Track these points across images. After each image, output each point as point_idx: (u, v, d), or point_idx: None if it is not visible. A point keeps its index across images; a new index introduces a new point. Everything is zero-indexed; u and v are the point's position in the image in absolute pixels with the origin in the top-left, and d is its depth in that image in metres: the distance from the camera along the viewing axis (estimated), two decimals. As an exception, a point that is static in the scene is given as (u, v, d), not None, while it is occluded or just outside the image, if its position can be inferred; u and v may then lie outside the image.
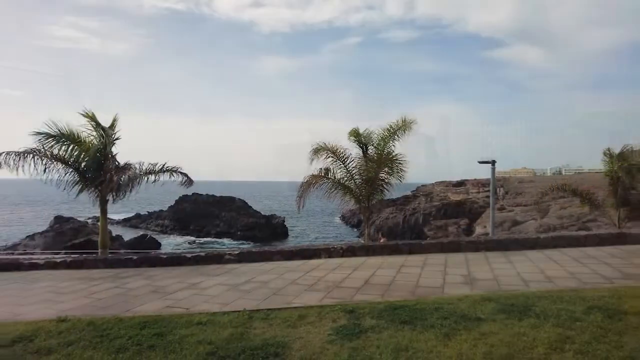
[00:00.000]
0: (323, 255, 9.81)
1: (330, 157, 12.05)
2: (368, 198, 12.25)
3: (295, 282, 7.51)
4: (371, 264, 8.94)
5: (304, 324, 4.94)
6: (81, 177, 10.70)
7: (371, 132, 12.33)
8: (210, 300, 6.46)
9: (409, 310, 5.11)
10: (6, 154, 9.84)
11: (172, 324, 5.05)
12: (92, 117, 10.64)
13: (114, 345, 4.37)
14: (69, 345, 4.43)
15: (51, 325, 5.11)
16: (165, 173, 11.47)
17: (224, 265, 9.48)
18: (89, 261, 9.89)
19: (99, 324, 5.09)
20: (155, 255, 10.09)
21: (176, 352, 4.17)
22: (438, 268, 8.17)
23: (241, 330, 4.77)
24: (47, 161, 10.23)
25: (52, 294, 7.29)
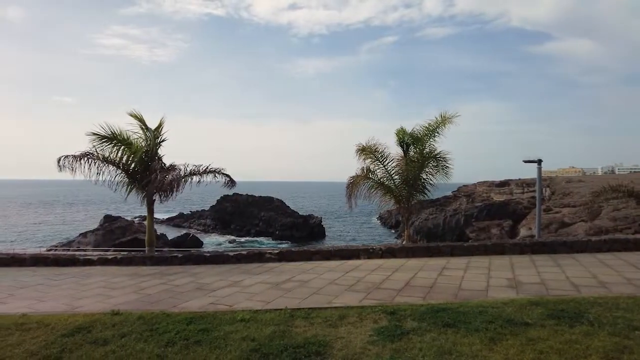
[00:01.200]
0: (362, 256, 9.78)
1: (370, 157, 11.97)
2: (408, 198, 12.07)
3: (334, 282, 7.54)
4: (412, 265, 8.82)
5: (344, 324, 4.96)
6: (130, 178, 11.23)
7: (415, 131, 12.10)
8: (252, 298, 6.60)
9: (451, 313, 5.01)
10: (64, 157, 10.52)
11: (217, 320, 5.21)
12: (140, 118, 11.16)
13: (163, 339, 4.56)
14: (122, 337, 4.67)
15: (106, 318, 5.41)
16: (208, 174, 11.82)
17: (264, 264, 9.66)
18: (138, 258, 10.37)
19: (148, 318, 5.33)
20: (199, 254, 10.43)
21: (221, 348, 4.30)
22: (481, 271, 7.95)
23: (283, 328, 4.85)
24: (99, 163, 10.83)
25: (105, 289, 7.70)
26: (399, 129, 12.28)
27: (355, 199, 11.91)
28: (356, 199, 11.92)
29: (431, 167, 12.03)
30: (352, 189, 11.92)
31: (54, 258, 10.61)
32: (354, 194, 11.88)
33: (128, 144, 11.10)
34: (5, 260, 10.51)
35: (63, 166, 10.54)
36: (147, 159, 11.15)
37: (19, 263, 10.46)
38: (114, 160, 11.01)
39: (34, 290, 7.77)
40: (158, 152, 11.51)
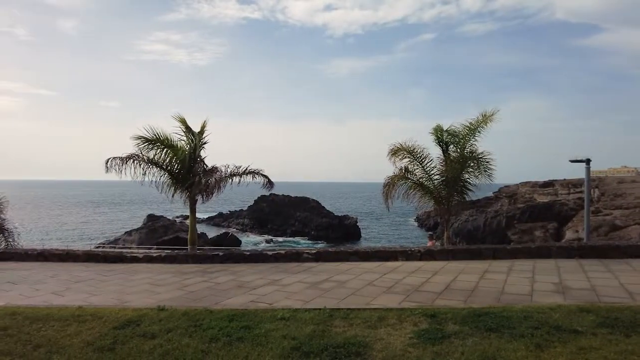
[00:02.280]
0: (400, 257, 9.68)
1: (407, 157, 11.80)
2: (448, 199, 11.81)
3: (372, 283, 7.51)
4: (452, 268, 8.64)
5: (384, 325, 4.94)
6: (174, 179, 11.67)
7: (453, 130, 11.81)
8: (291, 296, 6.70)
9: (494, 318, 4.88)
10: (112, 159, 11.10)
11: (258, 318, 5.33)
12: (183, 121, 11.58)
13: (207, 335, 4.72)
14: (168, 332, 4.87)
15: (153, 313, 5.66)
16: (248, 175, 12.09)
17: (302, 264, 9.75)
18: (181, 256, 10.76)
19: (192, 314, 5.53)
20: (239, 253, 10.70)
21: (262, 345, 4.40)
22: (525, 275, 7.68)
23: (322, 327, 4.89)
24: (144, 165, 11.33)
25: (151, 285, 8.04)
26: (437, 127, 12.01)
27: (392, 199, 11.76)
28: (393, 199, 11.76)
29: (472, 167, 11.69)
30: (389, 190, 11.80)
31: (103, 255, 11.20)
32: (391, 195, 11.74)
33: (171, 147, 11.54)
34: (61, 256, 11.20)
35: (111, 167, 11.11)
36: (190, 161, 11.54)
37: (73, 259, 11.11)
38: (158, 162, 11.48)
39: (87, 284, 8.22)
40: (200, 154, 11.89)
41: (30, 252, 11.71)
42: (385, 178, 12.07)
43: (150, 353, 4.25)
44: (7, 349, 4.43)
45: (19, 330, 4.97)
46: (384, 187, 11.99)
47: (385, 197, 11.86)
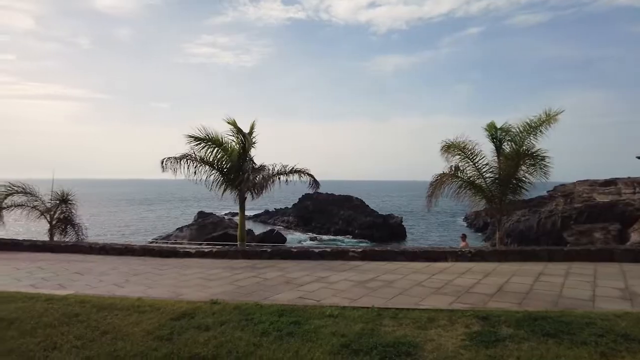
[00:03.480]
0: (449, 258, 9.45)
1: (457, 154, 11.46)
2: (500, 198, 11.35)
3: (421, 283, 7.40)
4: (504, 270, 8.33)
5: (434, 326, 4.86)
6: (224, 177, 12.08)
7: (508, 127, 11.32)
8: (338, 294, 6.73)
9: (552, 322, 4.66)
10: (167, 159, 11.67)
11: (306, 314, 5.41)
12: (233, 123, 11.95)
13: (258, 329, 4.86)
14: (222, 325, 5.05)
15: (206, 306, 5.89)
16: (294, 174, 12.29)
17: (348, 262, 9.77)
18: (231, 252, 11.11)
19: (243, 309, 5.70)
20: (286, 249, 10.88)
21: (312, 341, 4.46)
22: (586, 278, 7.26)
23: (371, 326, 4.89)
24: (196, 164, 11.81)
25: (203, 279, 8.36)
26: (490, 124, 11.56)
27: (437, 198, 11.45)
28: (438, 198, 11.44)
29: (528, 165, 11.15)
30: (436, 188, 11.51)
31: (158, 250, 11.78)
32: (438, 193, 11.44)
33: (221, 146, 11.95)
34: (120, 250, 11.92)
35: (166, 166, 11.68)
36: (240, 160, 11.89)
37: (131, 253, 11.79)
38: (209, 161, 11.93)
39: (145, 277, 8.69)
40: (249, 154, 12.22)
41: (94, 245, 12.55)
42: (433, 176, 11.80)
43: (205, 344, 4.43)
44: (80, 334, 4.79)
45: (88, 317, 5.35)
46: (430, 185, 11.72)
47: (430, 195, 11.58)
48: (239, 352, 4.20)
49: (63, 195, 15.60)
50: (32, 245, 12.87)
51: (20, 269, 9.65)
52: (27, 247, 12.82)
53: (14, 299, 6.32)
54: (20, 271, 9.44)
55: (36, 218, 15.54)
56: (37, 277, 8.77)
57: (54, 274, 9.10)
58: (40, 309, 5.71)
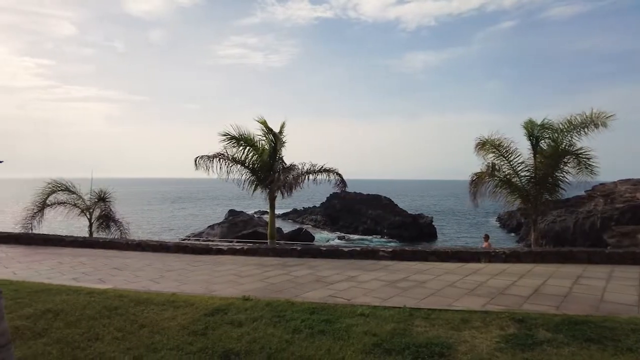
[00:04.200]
0: (483, 259, 9.24)
1: (492, 152, 11.16)
2: (536, 197, 10.99)
3: (453, 284, 7.27)
4: (540, 271, 8.07)
5: (468, 327, 4.77)
6: (255, 177, 12.27)
7: (549, 124, 10.91)
8: (369, 294, 6.71)
9: (594, 327, 4.48)
10: (200, 158, 11.95)
11: (337, 312, 5.42)
12: (264, 122, 12.11)
13: (290, 326, 4.90)
14: (254, 321, 5.13)
15: (239, 302, 6.00)
16: (323, 173, 12.33)
17: (378, 262, 9.71)
18: (261, 250, 11.26)
19: (275, 305, 5.77)
20: (315, 248, 10.92)
21: (344, 340, 4.47)
22: (630, 282, 6.94)
23: (403, 326, 4.85)
24: (229, 163, 12.04)
25: (235, 276, 8.51)
26: (528, 121, 11.17)
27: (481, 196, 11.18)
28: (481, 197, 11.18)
29: (569, 164, 10.72)
30: (476, 187, 11.23)
31: (192, 247, 12.08)
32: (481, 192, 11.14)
33: (253, 145, 12.14)
34: (155, 247, 12.30)
35: (199, 165, 11.96)
36: (271, 159, 12.04)
37: (165, 249, 12.14)
38: (240, 159, 12.14)
39: (178, 273, 8.93)
40: (280, 153, 12.35)
41: (130, 242, 13.00)
42: (470, 175, 11.54)
43: (239, 340, 4.51)
44: (120, 326, 4.98)
45: (126, 311, 5.56)
46: (470, 184, 11.46)
47: (473, 194, 11.32)
48: (272, 349, 4.25)
49: (101, 194, 16.24)
50: (74, 241, 13.46)
51: (64, 264, 10.13)
52: (69, 242, 13.42)
53: (59, 291, 6.64)
54: (64, 265, 9.90)
55: (76, 215, 16.24)
56: (78, 271, 9.17)
57: (94, 269, 9.48)
58: (83, 301, 5.97)
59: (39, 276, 8.54)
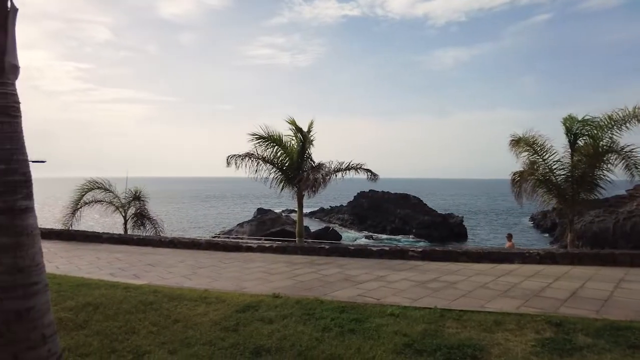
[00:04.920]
0: (516, 260, 8.99)
1: (526, 150, 10.80)
2: (573, 197, 10.57)
3: (485, 285, 7.11)
4: (577, 274, 7.78)
5: (501, 330, 4.66)
6: (283, 175, 12.39)
7: (590, 120, 10.44)
8: (399, 294, 6.65)
9: (639, 334, 4.28)
10: (231, 157, 12.19)
11: (367, 312, 5.40)
12: (293, 122, 12.22)
13: (319, 325, 4.92)
14: (284, 319, 5.18)
15: (269, 300, 6.07)
16: (351, 170, 12.31)
17: (407, 262, 9.61)
18: (290, 248, 11.35)
19: (304, 303, 5.80)
20: (344, 247, 10.92)
21: (374, 339, 4.45)
22: (677, 287, 6.58)
23: (434, 327, 4.78)
24: (258, 162, 12.21)
25: (265, 274, 8.62)
26: (567, 117, 10.73)
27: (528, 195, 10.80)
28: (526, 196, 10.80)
29: (612, 162, 10.22)
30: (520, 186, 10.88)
31: (223, 244, 12.31)
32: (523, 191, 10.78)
33: (281, 144, 12.26)
34: (187, 244, 12.61)
35: (230, 163, 12.21)
36: (299, 158, 12.13)
37: (197, 246, 12.42)
38: (270, 159, 12.29)
39: (210, 270, 9.12)
40: (308, 152, 12.42)
41: (163, 239, 13.37)
42: (511, 174, 11.23)
43: (270, 337, 4.57)
44: (155, 321, 5.14)
45: (160, 306, 5.72)
46: (513, 183, 11.14)
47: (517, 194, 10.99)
48: (302, 346, 4.28)
49: (136, 193, 16.79)
50: (110, 238, 13.98)
51: (101, 259, 10.53)
52: (106, 239, 13.95)
53: (97, 286, 6.92)
54: (101, 261, 10.30)
55: (112, 213, 16.85)
56: (115, 267, 9.52)
57: (129, 264, 9.81)
58: (119, 296, 6.20)
59: (79, 271, 8.92)
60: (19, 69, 2.92)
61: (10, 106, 2.86)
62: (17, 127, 2.90)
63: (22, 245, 2.86)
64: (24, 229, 2.88)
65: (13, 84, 2.89)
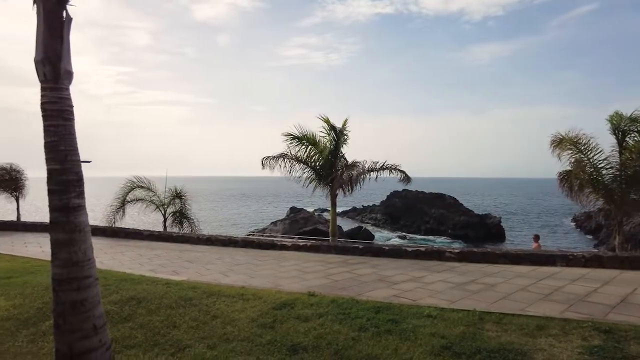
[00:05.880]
0: (559, 262, 8.63)
1: (569, 149, 10.35)
2: (622, 197, 10.02)
3: (526, 288, 6.88)
4: (627, 279, 7.38)
5: (544, 335, 4.49)
6: (317, 175, 12.45)
7: (638, 117, 9.86)
8: (435, 295, 6.53)
9: (698, 344, 4.02)
10: (266, 158, 12.40)
11: (403, 313, 5.34)
12: (327, 120, 12.25)
13: (355, 324, 4.92)
14: (320, 317, 5.21)
15: (304, 298, 6.12)
16: (385, 170, 12.20)
17: (444, 263, 9.43)
18: (324, 247, 11.39)
19: (340, 303, 5.81)
20: (378, 247, 10.84)
21: (411, 340, 4.40)
22: None
23: (473, 330, 4.67)
24: (292, 162, 12.34)
25: (299, 272, 8.70)
26: (614, 114, 10.19)
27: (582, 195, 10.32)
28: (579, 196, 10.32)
29: None
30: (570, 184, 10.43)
31: (258, 242, 12.51)
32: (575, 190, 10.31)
33: (314, 144, 12.32)
34: (224, 241, 12.90)
35: (265, 164, 12.41)
36: (332, 157, 12.15)
37: (234, 244, 12.69)
38: (303, 158, 12.38)
39: (246, 267, 9.30)
40: (342, 151, 12.41)
41: (201, 237, 13.74)
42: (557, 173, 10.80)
43: (306, 334, 4.61)
44: (194, 316, 5.30)
45: (199, 302, 5.89)
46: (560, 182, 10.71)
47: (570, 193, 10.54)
48: (339, 345, 4.29)
49: (177, 191, 17.33)
50: (150, 235, 14.51)
51: (142, 255, 10.96)
52: (146, 236, 14.49)
53: (140, 281, 7.20)
54: (142, 257, 10.71)
55: (152, 211, 17.46)
56: (155, 263, 9.87)
57: (169, 261, 10.16)
58: (161, 291, 6.42)
59: (122, 266, 9.31)
60: (73, 74, 3.08)
61: (65, 110, 3.02)
62: (71, 130, 3.06)
63: (76, 241, 3.02)
64: (77, 226, 3.04)
65: (67, 89, 3.05)
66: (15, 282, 7.20)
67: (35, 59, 2.94)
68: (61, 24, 2.96)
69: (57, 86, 2.97)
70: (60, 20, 2.96)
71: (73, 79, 3.11)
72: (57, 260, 2.97)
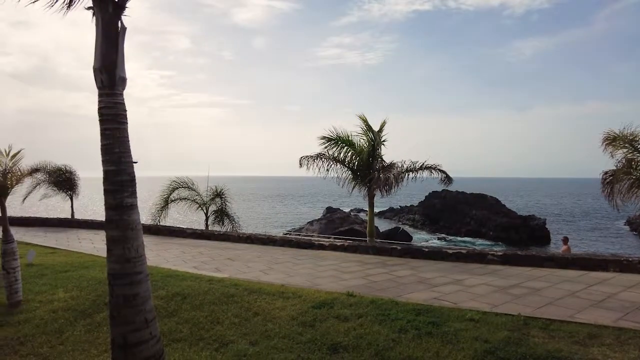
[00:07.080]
0: (611, 267, 8.18)
1: (624, 147, 9.73)
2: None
3: (575, 294, 6.58)
4: (689, 286, 6.89)
5: (596, 344, 4.29)
6: (354, 175, 12.42)
7: None
8: (477, 298, 6.38)
9: None
10: (304, 157, 12.51)
11: (444, 316, 5.25)
12: (364, 120, 12.19)
13: (395, 325, 4.89)
14: (359, 317, 5.22)
15: (343, 298, 6.14)
16: (424, 170, 11.97)
17: (486, 266, 9.17)
18: (362, 247, 11.36)
19: (379, 304, 5.79)
20: (416, 248, 10.68)
21: (453, 344, 4.32)
22: None
23: (518, 335, 4.53)
24: (329, 162, 12.38)
25: (337, 272, 8.72)
26: None
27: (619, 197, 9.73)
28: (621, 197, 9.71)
29: None
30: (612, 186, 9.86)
31: (296, 241, 12.65)
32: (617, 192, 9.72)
33: (351, 145, 12.30)
34: (263, 240, 13.15)
35: (303, 164, 12.53)
36: (370, 157, 12.08)
37: (272, 243, 12.91)
38: (340, 159, 12.40)
39: (285, 266, 9.43)
40: (379, 151, 12.31)
41: (241, 235, 14.07)
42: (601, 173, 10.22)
43: (346, 334, 4.63)
44: (236, 312, 5.45)
45: (241, 299, 6.05)
46: (603, 183, 10.16)
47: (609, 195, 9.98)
48: (379, 346, 4.29)
49: (218, 190, 17.82)
50: (193, 233, 15.00)
51: (186, 253, 11.35)
52: (189, 234, 15.00)
53: (184, 277, 7.48)
54: (186, 254, 11.10)
55: (194, 210, 18.02)
56: (198, 260, 10.21)
57: (211, 258, 10.47)
58: (204, 288, 6.64)
59: (167, 263, 9.70)
60: (126, 80, 3.25)
61: (119, 114, 3.20)
62: (125, 133, 3.24)
63: (129, 238, 3.19)
64: (130, 224, 3.21)
65: (121, 95, 3.23)
66: (72, 276, 7.68)
67: (94, 67, 3.12)
68: (117, 33, 3.13)
69: (112, 92, 3.15)
70: (116, 30, 3.14)
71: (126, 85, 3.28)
72: (112, 256, 3.15)
